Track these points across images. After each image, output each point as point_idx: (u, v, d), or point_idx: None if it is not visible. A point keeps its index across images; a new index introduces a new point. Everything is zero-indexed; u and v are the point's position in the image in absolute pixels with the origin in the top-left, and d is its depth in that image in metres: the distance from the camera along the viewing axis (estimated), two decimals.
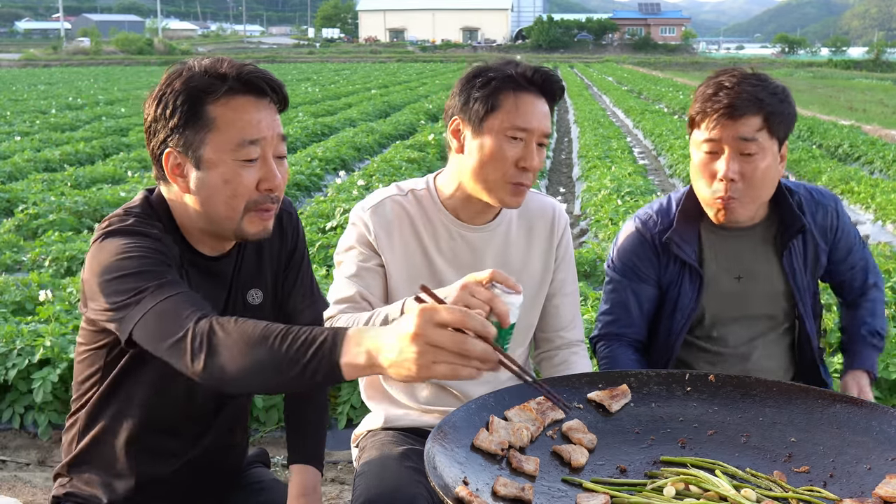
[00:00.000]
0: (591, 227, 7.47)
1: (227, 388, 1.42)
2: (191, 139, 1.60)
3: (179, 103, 1.60)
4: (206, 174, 1.62)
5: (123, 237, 1.59)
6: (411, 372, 1.24)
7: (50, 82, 35.56)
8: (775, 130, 2.06)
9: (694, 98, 2.14)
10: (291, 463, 1.92)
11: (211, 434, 1.83)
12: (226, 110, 1.60)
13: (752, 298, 2.25)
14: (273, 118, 1.66)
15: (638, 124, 17.85)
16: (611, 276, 2.34)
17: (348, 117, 17.64)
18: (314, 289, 1.97)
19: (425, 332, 1.22)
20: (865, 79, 47.57)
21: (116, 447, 1.76)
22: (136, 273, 1.52)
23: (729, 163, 2.06)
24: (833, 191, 9.91)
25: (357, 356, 1.28)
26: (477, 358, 1.24)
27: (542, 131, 1.98)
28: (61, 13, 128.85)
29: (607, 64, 64.36)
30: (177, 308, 1.46)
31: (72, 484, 1.81)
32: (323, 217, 7.36)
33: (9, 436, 3.80)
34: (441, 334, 1.22)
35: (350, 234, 2.09)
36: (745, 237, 2.23)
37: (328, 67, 54.16)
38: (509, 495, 1.38)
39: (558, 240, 2.20)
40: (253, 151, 1.62)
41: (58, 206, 7.95)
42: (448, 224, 2.08)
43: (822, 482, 1.50)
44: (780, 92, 2.07)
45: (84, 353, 1.75)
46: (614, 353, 2.26)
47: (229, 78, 1.61)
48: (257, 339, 1.34)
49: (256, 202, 1.64)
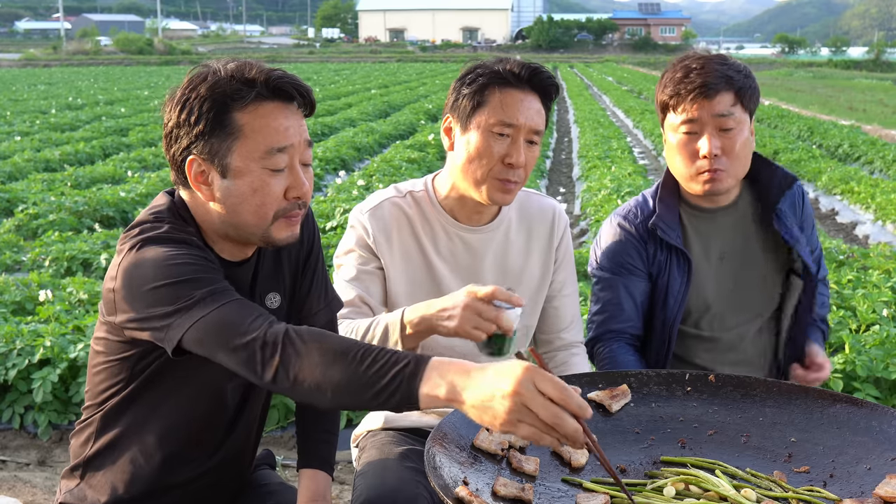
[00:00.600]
0: (591, 227, 7.47)
1: (297, 398, 1.42)
2: (216, 147, 1.55)
3: (205, 110, 1.54)
4: (232, 183, 1.57)
5: (164, 245, 1.54)
6: (494, 421, 1.25)
7: (50, 82, 35.58)
8: (746, 105, 2.14)
9: (661, 84, 2.19)
10: (302, 467, 1.89)
11: (230, 441, 1.80)
12: (254, 118, 1.55)
13: (737, 278, 2.28)
14: (300, 124, 1.61)
15: (638, 124, 17.85)
16: (599, 275, 2.33)
17: (348, 117, 17.64)
18: (329, 290, 1.94)
19: (524, 393, 1.23)
20: (865, 79, 47.57)
21: (133, 453, 1.71)
22: (186, 280, 1.48)
23: (710, 140, 2.11)
24: (833, 191, 9.93)
25: (438, 387, 1.27)
26: (565, 436, 1.25)
27: (529, 127, 1.96)
28: (61, 13, 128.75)
29: (607, 64, 64.38)
30: (241, 313, 1.43)
31: (80, 489, 1.76)
32: (323, 217, 7.36)
33: (9, 436, 3.80)
34: (540, 402, 1.23)
35: (349, 237, 2.09)
36: (725, 216, 2.27)
37: (328, 67, 54.15)
38: (509, 495, 1.38)
39: (558, 241, 2.19)
40: (281, 160, 1.57)
41: (58, 206, 7.95)
42: (447, 225, 2.08)
43: (822, 482, 1.50)
44: (743, 69, 2.16)
45: (104, 363, 1.68)
46: (614, 354, 2.25)
47: (258, 84, 1.55)
48: (337, 355, 1.33)
49: (285, 210, 1.61)
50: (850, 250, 6.03)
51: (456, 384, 1.27)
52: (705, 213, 2.27)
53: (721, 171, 2.14)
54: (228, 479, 1.86)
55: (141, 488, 1.73)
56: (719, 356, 2.31)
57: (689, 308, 2.28)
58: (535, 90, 1.98)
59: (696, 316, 2.30)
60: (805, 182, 10.82)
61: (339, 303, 1.97)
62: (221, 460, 1.80)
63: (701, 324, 2.31)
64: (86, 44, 79.92)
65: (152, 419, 1.69)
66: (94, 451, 1.74)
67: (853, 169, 11.13)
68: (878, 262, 5.63)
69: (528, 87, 1.97)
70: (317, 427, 1.92)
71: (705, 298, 2.28)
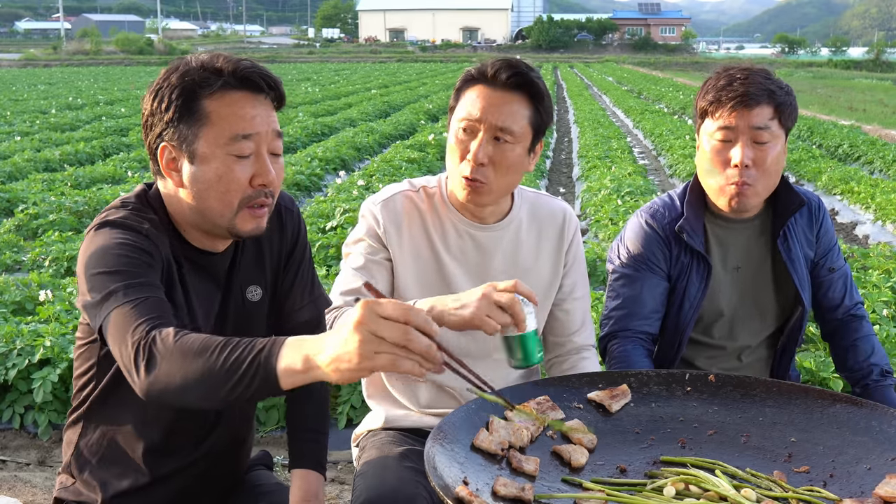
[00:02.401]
0: (591, 227, 7.47)
1: (170, 401, 1.41)
2: (185, 133, 1.61)
3: (175, 97, 1.60)
4: (199, 168, 1.62)
5: (114, 230, 1.60)
6: (352, 363, 1.22)
7: (50, 82, 35.57)
8: (784, 121, 2.15)
9: (703, 91, 2.20)
10: (293, 468, 1.90)
11: (216, 433, 1.83)
12: (220, 105, 1.60)
13: (748, 290, 2.30)
14: (268, 114, 1.65)
15: (638, 124, 17.84)
16: (620, 271, 2.32)
17: (348, 117, 17.63)
18: (315, 287, 1.96)
19: (368, 322, 1.21)
20: (865, 79, 47.55)
21: (117, 446, 1.76)
22: (111, 272, 1.52)
23: (744, 149, 2.12)
24: (833, 191, 9.92)
25: (294, 361, 1.27)
26: (419, 353, 1.23)
27: (493, 123, 1.92)
28: (61, 13, 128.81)
29: (607, 64, 64.35)
30: (132, 315, 1.45)
31: (73, 484, 1.79)
32: (323, 217, 7.35)
33: (9, 436, 3.80)
34: (384, 324, 1.21)
35: (360, 227, 2.09)
36: (744, 228, 2.28)
37: (328, 67, 54.15)
38: (509, 495, 1.38)
39: (568, 244, 2.18)
40: (246, 147, 1.61)
41: (58, 206, 7.95)
42: (457, 222, 2.07)
43: (822, 482, 1.50)
44: (785, 87, 2.17)
45: (80, 346, 1.75)
46: (628, 355, 2.23)
47: (225, 73, 1.61)
48: (197, 353, 1.34)
49: (250, 198, 1.64)
50: (851, 250, 6.03)
51: (309, 353, 1.26)
52: (727, 222, 2.28)
53: (748, 186, 2.13)
54: (219, 473, 1.87)
55: (129, 480, 1.76)
56: (721, 364, 2.32)
57: (701, 314, 2.29)
58: (511, 88, 1.94)
59: (707, 322, 2.31)
60: (805, 182, 10.82)
61: (325, 300, 1.98)
62: (209, 451, 1.82)
63: (711, 331, 2.32)
64: (86, 44, 79.94)
65: (129, 409, 1.73)
66: (82, 446, 1.78)
67: (853, 169, 11.12)
68: (878, 262, 5.63)
69: (504, 85, 1.94)
70: (305, 427, 1.93)
71: (719, 306, 2.29)
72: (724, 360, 2.33)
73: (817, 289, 2.37)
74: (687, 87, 29.74)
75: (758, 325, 2.33)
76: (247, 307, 1.81)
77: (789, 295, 2.31)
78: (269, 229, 1.77)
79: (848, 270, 2.41)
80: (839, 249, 2.41)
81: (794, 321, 2.32)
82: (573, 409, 1.68)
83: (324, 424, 1.96)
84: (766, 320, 2.33)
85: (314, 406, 1.96)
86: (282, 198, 1.86)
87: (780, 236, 2.26)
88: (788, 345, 2.36)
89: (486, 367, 2.09)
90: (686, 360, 2.35)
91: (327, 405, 2.01)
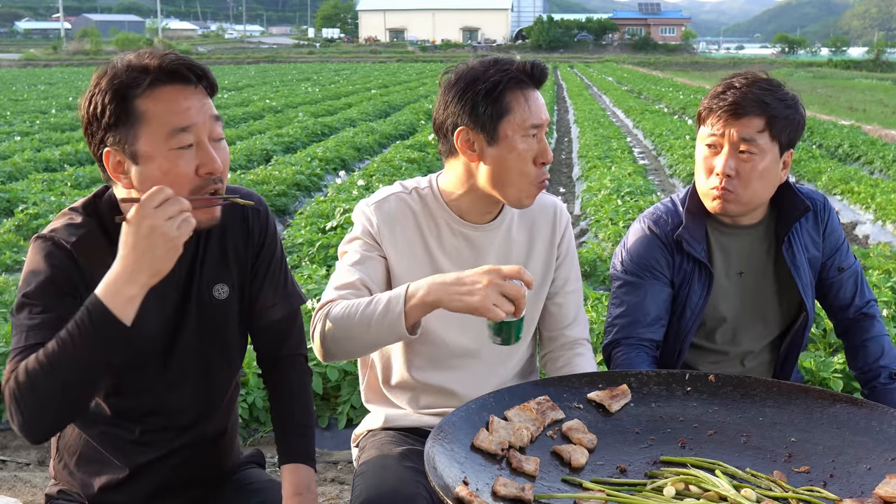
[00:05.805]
0: (591, 227, 7.47)
1: (52, 420, 1.56)
2: (125, 135, 1.61)
3: (107, 101, 1.60)
4: (144, 168, 1.62)
5: (45, 244, 1.65)
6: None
7: (50, 82, 35.59)
8: (777, 134, 2.11)
9: (707, 95, 2.20)
10: (283, 464, 1.90)
11: (195, 424, 1.84)
12: (153, 102, 1.61)
13: (752, 296, 2.29)
14: (203, 102, 1.66)
15: (638, 124, 17.84)
16: (623, 278, 2.30)
17: (348, 117, 17.64)
18: (288, 285, 1.95)
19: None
20: (865, 79, 47.55)
21: (90, 444, 1.78)
22: (27, 304, 1.61)
23: (727, 159, 2.11)
24: (833, 191, 9.92)
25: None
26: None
27: (548, 122, 1.99)
28: (61, 13, 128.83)
29: (607, 64, 64.38)
30: (17, 351, 1.57)
31: (60, 480, 1.83)
32: (323, 217, 7.35)
33: (9, 436, 3.80)
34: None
35: (354, 229, 2.09)
36: (747, 234, 2.27)
37: (328, 67, 54.17)
38: (509, 495, 1.38)
39: (560, 237, 2.19)
40: (186, 138, 1.62)
41: (58, 206, 7.95)
42: (450, 222, 2.08)
43: (822, 482, 1.50)
44: (788, 98, 2.13)
45: None
46: (632, 361, 2.21)
47: (152, 69, 1.61)
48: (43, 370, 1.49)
49: (199, 187, 1.65)
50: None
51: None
52: (729, 228, 2.27)
53: (730, 193, 2.13)
54: (201, 464, 1.88)
55: (110, 476, 1.79)
56: (723, 369, 2.31)
57: (703, 320, 2.28)
58: (538, 84, 1.99)
59: (709, 328, 2.30)
60: (805, 182, 10.81)
61: (299, 298, 1.98)
62: (189, 442, 1.84)
63: (713, 336, 2.32)
64: (86, 44, 79.93)
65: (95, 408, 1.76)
66: (63, 443, 1.82)
67: (853, 169, 11.13)
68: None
69: (537, 83, 1.98)
70: (290, 422, 1.93)
71: (721, 312, 2.28)
72: (727, 365, 2.32)
73: (827, 289, 2.36)
74: (687, 87, 29.76)
75: (761, 331, 2.32)
76: (214, 305, 1.81)
77: (793, 300, 2.30)
78: (232, 227, 1.79)
79: (859, 269, 2.39)
80: (848, 248, 2.38)
81: (797, 326, 2.31)
82: (573, 409, 1.68)
83: (310, 420, 1.96)
84: (769, 325, 2.32)
85: (300, 404, 1.96)
86: (250, 196, 1.85)
87: (784, 242, 2.24)
88: (791, 349, 2.34)
89: (484, 367, 2.10)
90: (688, 364, 2.34)
91: (311, 402, 2.01)
